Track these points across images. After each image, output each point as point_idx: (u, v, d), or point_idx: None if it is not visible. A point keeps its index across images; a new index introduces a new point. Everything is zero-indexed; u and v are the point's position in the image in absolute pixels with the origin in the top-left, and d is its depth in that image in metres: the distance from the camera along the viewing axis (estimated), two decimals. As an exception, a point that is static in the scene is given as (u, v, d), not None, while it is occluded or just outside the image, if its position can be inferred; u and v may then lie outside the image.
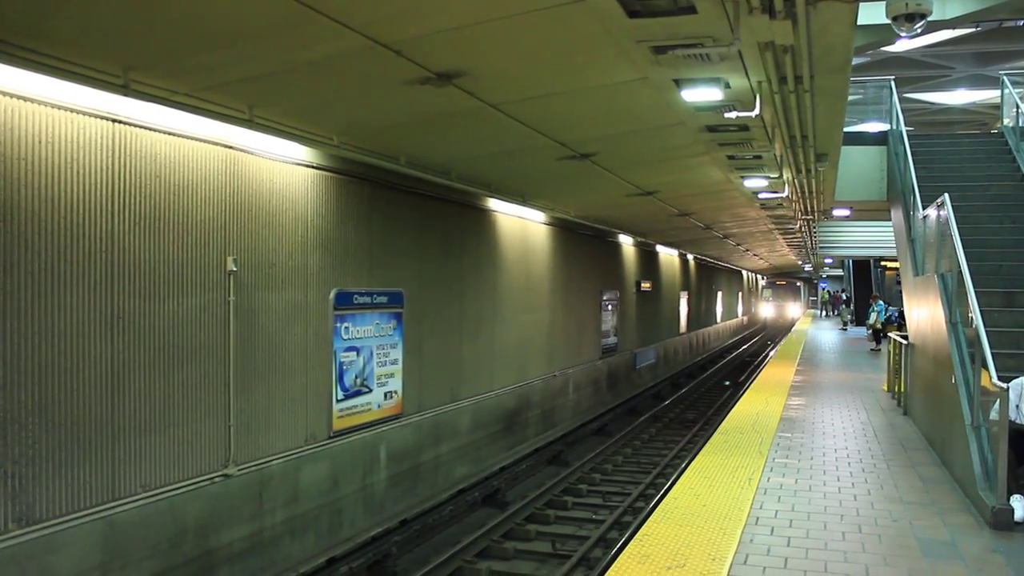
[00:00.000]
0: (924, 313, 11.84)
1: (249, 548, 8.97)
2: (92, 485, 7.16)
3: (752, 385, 17.50)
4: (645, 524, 7.30)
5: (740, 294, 59.18)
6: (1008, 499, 7.39)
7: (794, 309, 75.95)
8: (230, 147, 8.69)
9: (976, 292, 8.71)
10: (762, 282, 76.97)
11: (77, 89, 6.75)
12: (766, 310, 76.68)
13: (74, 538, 6.94)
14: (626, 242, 25.06)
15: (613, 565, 6.34)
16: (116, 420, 7.40)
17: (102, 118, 7.18)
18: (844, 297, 51.84)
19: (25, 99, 6.51)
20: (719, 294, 48.22)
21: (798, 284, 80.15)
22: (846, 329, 40.12)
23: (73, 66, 6.37)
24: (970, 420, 8.39)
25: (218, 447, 8.61)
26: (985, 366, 7.90)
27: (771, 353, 33.50)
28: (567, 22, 6.23)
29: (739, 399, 15.89)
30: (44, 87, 6.58)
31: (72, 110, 6.90)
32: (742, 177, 14.24)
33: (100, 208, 7.21)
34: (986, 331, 8.14)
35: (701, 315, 41.22)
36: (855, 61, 15.56)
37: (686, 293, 36.32)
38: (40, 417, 6.69)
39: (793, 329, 45.48)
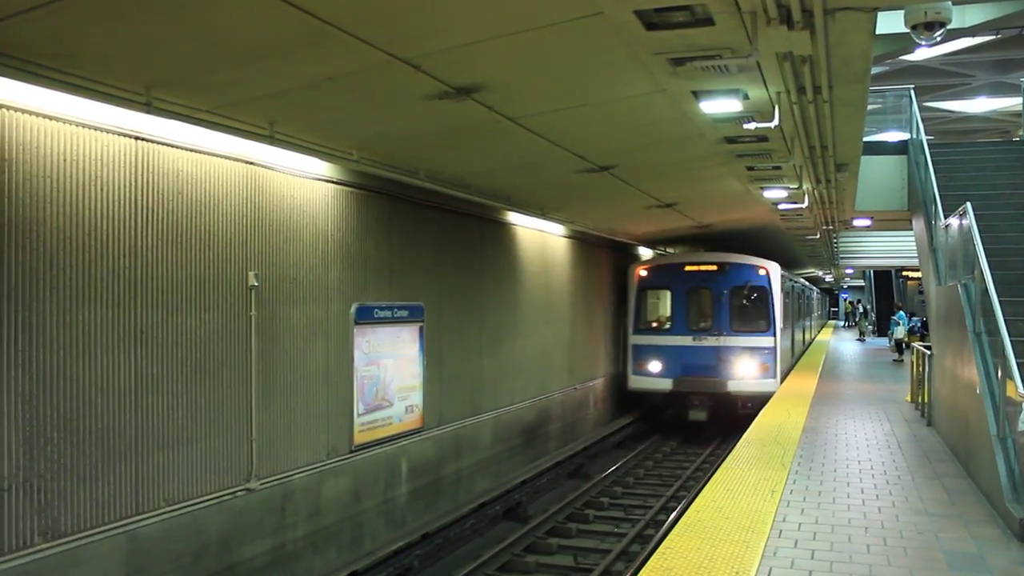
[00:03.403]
0: (947, 323, 11.73)
1: (271, 562, 8.99)
2: (116, 499, 7.21)
3: (774, 396, 17.38)
4: (667, 537, 7.25)
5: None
6: (1036, 511, 7.30)
7: (758, 383, 19.67)
8: (251, 163, 8.76)
9: (1000, 301, 8.63)
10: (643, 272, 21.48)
11: (101, 107, 6.83)
12: (648, 376, 20.55)
13: (98, 552, 6.98)
14: (646, 254, 25.02)
15: (635, 579, 6.23)
16: (139, 434, 7.45)
17: (125, 135, 7.26)
18: (861, 309, 51.68)
19: (50, 118, 6.59)
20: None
21: (774, 277, 20.43)
22: (863, 340, 39.89)
23: (97, 85, 6.46)
24: (996, 431, 8.30)
25: (240, 461, 8.65)
26: (1010, 376, 7.81)
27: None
28: (585, 35, 6.26)
29: (761, 410, 15.77)
30: (68, 106, 6.66)
31: (96, 128, 6.99)
32: (762, 188, 14.20)
33: (123, 224, 7.29)
34: (1011, 340, 8.06)
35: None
36: (874, 70, 15.52)
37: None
38: (65, 431, 6.75)
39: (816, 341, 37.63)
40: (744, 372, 19.92)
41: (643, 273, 21.22)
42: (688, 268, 21.03)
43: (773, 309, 20.15)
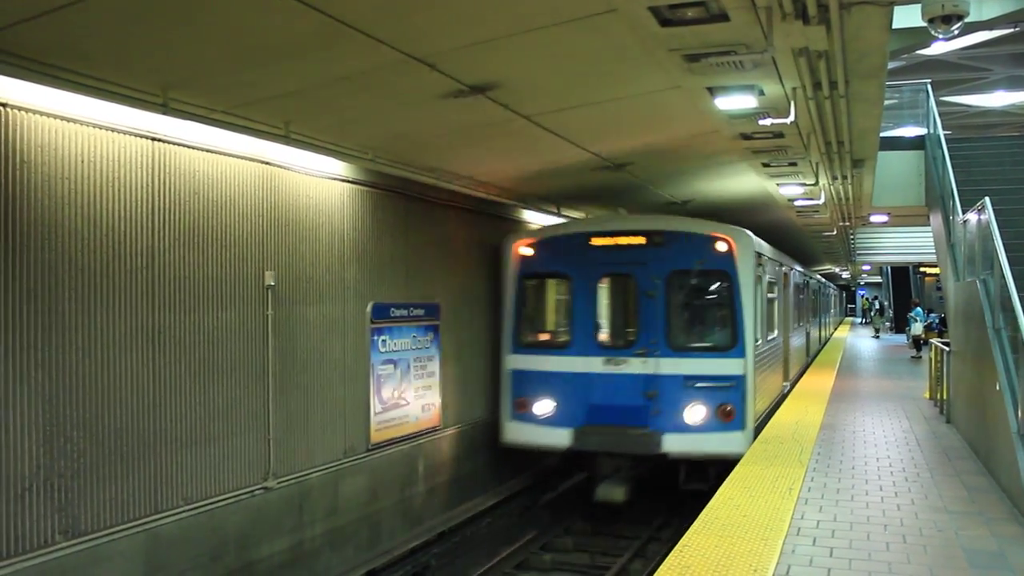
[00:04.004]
0: (966, 319, 11.65)
1: (289, 560, 9.03)
2: (135, 498, 7.25)
3: (791, 393, 17.30)
4: (685, 535, 7.23)
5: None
6: (1057, 508, 7.24)
7: (715, 438, 11.64)
8: (267, 163, 8.80)
9: (1020, 297, 8.56)
10: None
11: (117, 109, 6.87)
12: (533, 423, 12.54)
13: (118, 551, 7.02)
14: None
15: (652, 577, 6.14)
16: (158, 434, 7.49)
17: (142, 136, 7.30)
18: (877, 305, 51.87)
19: (67, 119, 6.64)
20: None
21: (741, 254, 11.95)
22: (878, 337, 40.07)
23: (114, 86, 6.50)
24: (1016, 428, 8.23)
25: (258, 460, 8.69)
26: (1031, 372, 7.76)
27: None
28: (599, 32, 6.25)
29: (778, 408, 15.69)
30: (85, 107, 6.71)
31: (113, 129, 7.03)
32: (778, 184, 14.14)
33: (141, 225, 7.33)
34: (1031, 336, 8.00)
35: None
36: (890, 65, 15.43)
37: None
38: (85, 431, 6.79)
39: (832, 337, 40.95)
40: (691, 418, 11.80)
41: (525, 251, 12.97)
42: (597, 242, 12.58)
43: (741, 309, 11.95)
